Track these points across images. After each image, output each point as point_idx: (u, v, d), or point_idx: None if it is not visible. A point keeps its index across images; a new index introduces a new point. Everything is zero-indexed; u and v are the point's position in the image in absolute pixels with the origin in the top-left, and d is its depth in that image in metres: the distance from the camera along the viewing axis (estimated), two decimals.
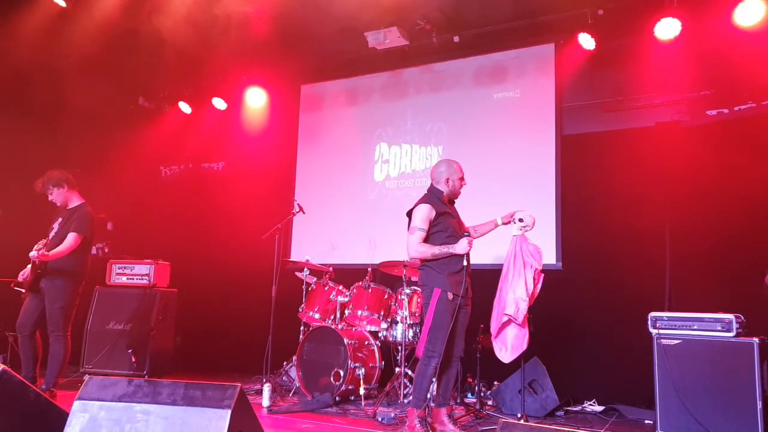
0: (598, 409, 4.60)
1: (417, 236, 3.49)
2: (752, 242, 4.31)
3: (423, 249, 3.49)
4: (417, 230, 3.50)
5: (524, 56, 5.72)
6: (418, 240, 3.49)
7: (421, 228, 3.50)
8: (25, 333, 4.34)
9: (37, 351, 4.36)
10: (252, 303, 5.96)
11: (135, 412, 1.85)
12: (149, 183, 7.40)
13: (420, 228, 3.50)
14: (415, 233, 3.50)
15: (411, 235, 3.51)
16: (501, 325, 3.69)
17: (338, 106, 6.66)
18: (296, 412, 4.20)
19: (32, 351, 4.34)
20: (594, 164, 5.18)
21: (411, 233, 3.52)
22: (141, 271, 5.72)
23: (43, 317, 4.37)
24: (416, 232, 3.50)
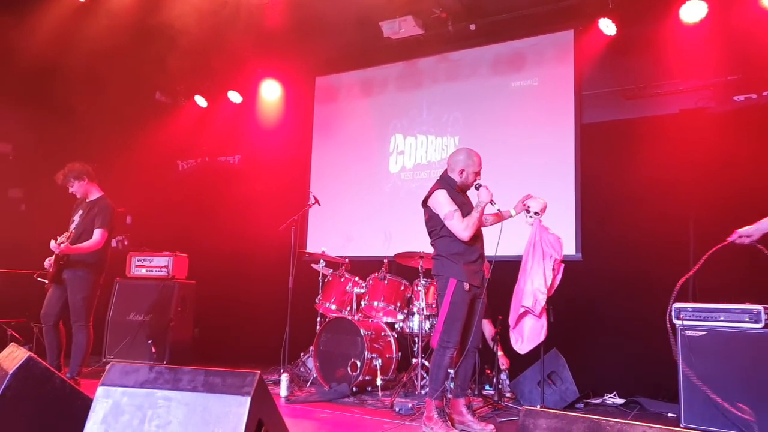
0: (619, 401, 4.53)
1: (457, 217, 3.43)
2: None
3: (470, 221, 3.41)
4: (453, 213, 3.44)
5: (542, 44, 5.62)
6: (459, 219, 3.42)
7: (454, 209, 3.45)
8: (49, 323, 4.41)
9: (61, 340, 4.43)
10: (269, 294, 5.98)
11: (157, 399, 1.85)
12: (167, 177, 7.45)
13: (453, 210, 3.44)
14: (454, 216, 3.43)
15: (451, 220, 3.43)
16: (519, 317, 3.65)
17: (353, 97, 6.63)
18: (314, 402, 4.21)
19: (56, 341, 4.41)
20: (614, 153, 5.09)
21: (450, 218, 3.43)
22: (160, 263, 5.78)
23: (66, 308, 4.44)
24: (454, 215, 3.43)
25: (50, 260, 4.41)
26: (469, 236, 3.42)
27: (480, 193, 3.49)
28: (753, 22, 4.39)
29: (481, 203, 3.45)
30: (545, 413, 1.40)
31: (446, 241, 3.51)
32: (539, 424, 1.37)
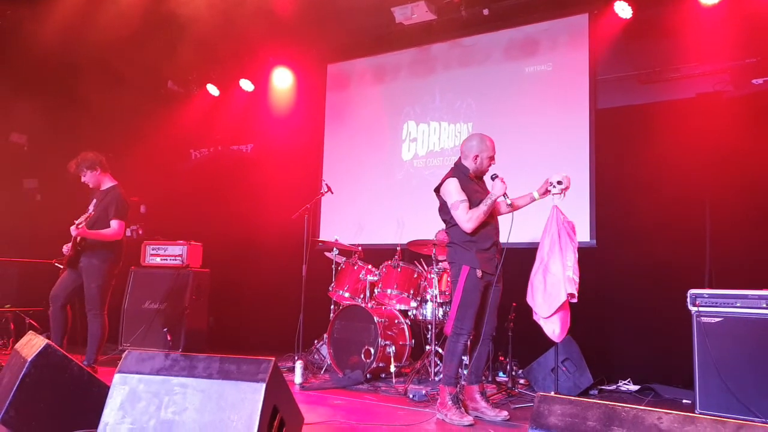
0: (633, 388, 4.51)
1: (462, 208, 3.42)
2: None
3: (474, 214, 3.41)
4: (459, 203, 3.43)
5: (556, 28, 5.53)
6: (465, 210, 3.42)
7: (462, 199, 3.44)
8: (57, 304, 4.46)
9: (66, 324, 4.48)
10: (282, 282, 6.02)
11: (172, 385, 1.88)
12: (180, 166, 7.50)
13: (461, 200, 3.43)
14: (459, 206, 3.43)
15: (456, 210, 3.43)
16: (561, 305, 3.60)
17: (365, 84, 6.59)
18: (328, 389, 4.24)
19: (62, 323, 4.45)
20: (630, 138, 5.01)
21: (456, 209, 3.43)
22: (174, 252, 5.84)
23: (77, 292, 4.50)
24: (460, 205, 3.43)
25: (68, 246, 4.46)
26: (471, 228, 3.41)
27: (494, 185, 3.45)
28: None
29: (492, 196, 3.42)
30: (560, 399, 1.40)
31: (459, 229, 3.50)
32: (554, 410, 1.36)
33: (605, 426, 1.27)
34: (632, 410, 1.29)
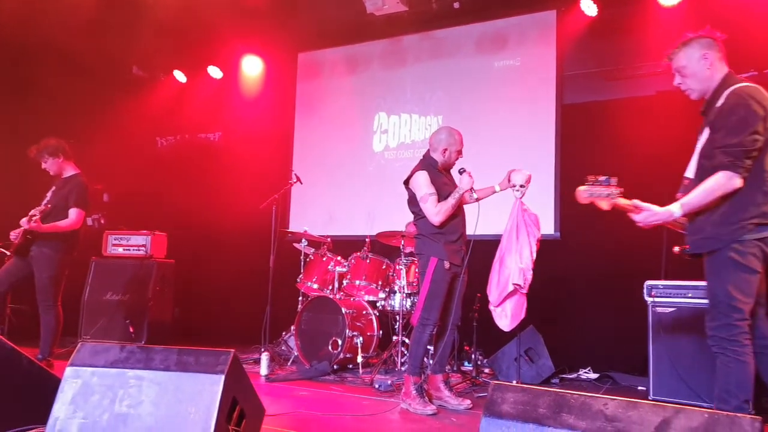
0: (593, 376, 4.64)
1: (431, 201, 3.46)
2: None
3: (443, 207, 3.45)
4: (428, 196, 3.47)
5: (525, 23, 5.60)
6: (433, 203, 3.46)
7: (431, 192, 3.48)
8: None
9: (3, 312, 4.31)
10: (250, 274, 5.97)
11: (128, 378, 1.85)
12: (145, 153, 7.34)
13: (429, 193, 3.47)
14: (429, 199, 3.47)
15: (425, 203, 3.47)
16: (507, 295, 3.69)
17: (336, 74, 6.55)
18: (294, 380, 4.24)
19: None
20: (594, 133, 5.12)
21: (425, 202, 3.47)
22: (137, 242, 5.72)
23: (21, 282, 4.33)
24: (429, 198, 3.47)
25: (16, 232, 4.26)
26: (439, 221, 3.46)
27: (462, 180, 3.51)
28: (727, 5, 4.42)
29: (459, 190, 3.47)
30: (513, 388, 1.43)
31: (427, 221, 3.54)
32: (507, 398, 1.40)
33: (555, 413, 1.31)
34: (580, 397, 1.33)
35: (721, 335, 2.35)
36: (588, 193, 2.43)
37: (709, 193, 2.35)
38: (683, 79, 2.65)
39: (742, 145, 2.31)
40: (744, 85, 2.43)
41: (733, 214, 2.35)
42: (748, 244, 2.33)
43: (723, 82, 2.50)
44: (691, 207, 2.40)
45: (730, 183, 2.32)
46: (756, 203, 2.34)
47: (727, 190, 2.33)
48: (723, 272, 2.37)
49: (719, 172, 2.33)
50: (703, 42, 2.57)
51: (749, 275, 2.34)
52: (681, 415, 1.18)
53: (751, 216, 2.33)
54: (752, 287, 2.35)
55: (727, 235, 2.36)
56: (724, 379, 2.33)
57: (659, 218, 2.46)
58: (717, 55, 2.55)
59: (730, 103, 2.39)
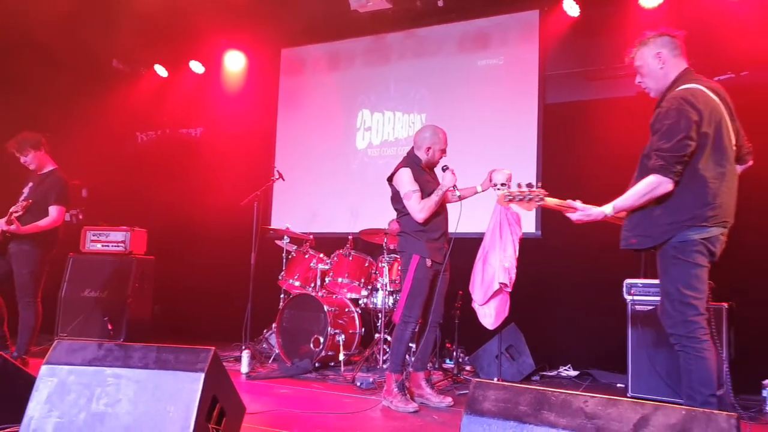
0: (573, 374, 4.69)
1: (415, 198, 3.47)
2: None
3: (426, 204, 3.46)
4: (412, 193, 3.47)
5: (508, 23, 5.62)
6: (417, 200, 3.47)
7: (414, 189, 3.48)
8: None
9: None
10: (231, 271, 5.92)
11: (106, 376, 1.82)
12: (125, 148, 7.24)
13: (413, 190, 3.48)
14: (412, 197, 3.47)
15: (409, 200, 3.48)
16: (493, 293, 3.71)
17: (320, 70, 6.52)
18: (275, 378, 4.22)
19: None
20: (575, 133, 5.17)
21: (408, 199, 3.48)
22: (116, 238, 5.63)
23: (3, 279, 4.25)
24: (413, 195, 3.47)
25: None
26: (423, 218, 3.46)
27: (444, 177, 3.52)
28: (707, 9, 4.51)
29: (442, 187, 3.49)
30: (494, 385, 1.44)
31: (411, 219, 3.54)
32: (488, 396, 1.40)
33: (536, 410, 1.32)
34: (561, 395, 1.34)
35: (679, 333, 2.41)
36: (508, 198, 2.47)
37: (641, 195, 2.41)
38: (642, 78, 2.71)
39: (673, 150, 2.36)
40: (685, 87, 2.46)
41: (665, 216, 2.42)
42: (690, 242, 2.39)
43: (674, 82, 2.54)
44: (623, 207, 2.47)
45: (661, 187, 2.38)
46: (687, 206, 2.40)
47: (657, 194, 2.39)
48: (670, 270, 2.44)
49: (651, 175, 2.39)
50: (659, 41, 2.61)
51: (696, 270, 2.39)
52: (659, 412, 1.20)
53: (685, 218, 2.39)
54: (702, 282, 2.41)
55: (659, 235, 2.43)
56: (687, 376, 2.40)
57: (593, 217, 2.52)
58: (672, 53, 2.58)
59: (667, 106, 2.44)
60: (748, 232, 4.21)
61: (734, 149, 2.52)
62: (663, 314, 2.49)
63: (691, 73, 2.56)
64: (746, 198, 4.26)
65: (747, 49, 4.40)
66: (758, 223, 4.23)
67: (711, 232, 2.40)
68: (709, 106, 2.43)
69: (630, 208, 2.46)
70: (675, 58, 2.58)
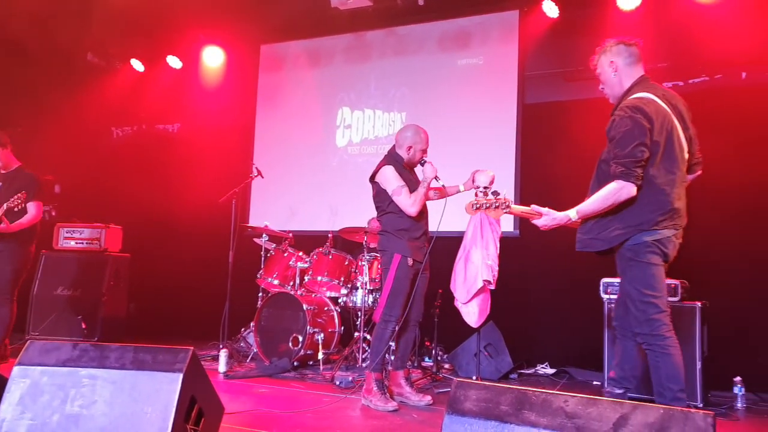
0: (550, 371, 4.75)
1: (405, 193, 3.47)
2: (698, 211, 4.45)
3: (416, 197, 3.47)
4: (401, 188, 3.47)
5: (488, 22, 5.66)
6: (407, 195, 3.47)
7: (402, 185, 3.48)
8: None
9: None
10: (209, 269, 5.86)
11: (80, 377, 1.78)
12: (100, 144, 7.10)
13: (400, 185, 3.48)
14: (402, 192, 3.47)
15: (399, 196, 3.47)
16: (477, 291, 3.73)
17: (299, 67, 6.48)
18: (253, 377, 4.18)
19: None
20: (554, 133, 5.22)
21: (398, 194, 3.47)
22: (91, 235, 5.52)
23: None
24: (402, 191, 3.47)
25: None
26: (416, 211, 3.47)
27: (425, 170, 3.54)
28: (683, 12, 4.59)
29: (426, 179, 3.51)
30: (475, 385, 1.44)
31: (392, 217, 3.54)
32: (469, 396, 1.41)
33: (517, 410, 1.33)
34: (542, 394, 1.35)
35: (644, 332, 2.49)
36: (474, 206, 2.50)
37: (604, 200, 2.47)
38: (602, 85, 2.79)
39: (631, 155, 2.42)
40: (638, 96, 2.53)
41: (616, 220, 2.51)
42: (642, 245, 2.48)
43: (629, 90, 2.62)
44: (586, 212, 2.53)
45: (624, 191, 2.43)
46: (638, 212, 2.48)
47: (622, 198, 2.45)
48: (628, 272, 2.53)
49: (613, 182, 2.46)
50: (614, 49, 2.68)
51: (652, 270, 2.48)
52: (638, 411, 1.21)
53: (638, 222, 2.48)
54: (659, 281, 2.50)
55: (612, 239, 2.51)
56: (656, 374, 2.47)
57: (558, 222, 2.60)
58: (627, 62, 2.64)
59: (621, 114, 2.51)
60: (721, 235, 4.35)
61: (686, 156, 2.62)
62: (626, 315, 2.58)
63: (647, 80, 2.64)
64: (719, 202, 4.41)
65: (722, 52, 4.50)
66: (730, 227, 4.35)
67: (662, 234, 2.49)
68: (660, 114, 2.50)
69: (594, 213, 2.52)
70: (629, 67, 2.64)
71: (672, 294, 3.71)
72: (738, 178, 4.38)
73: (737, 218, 4.35)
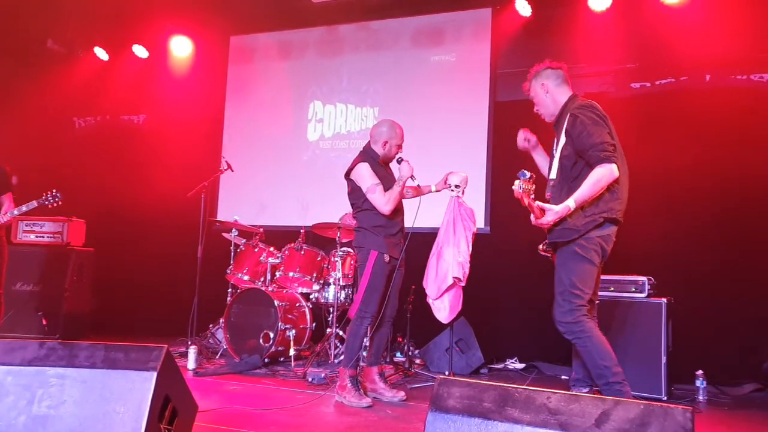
0: (520, 366, 4.82)
1: (379, 191, 3.44)
2: (665, 210, 4.59)
3: (391, 196, 3.44)
4: (375, 186, 3.45)
5: (461, 19, 5.68)
6: (381, 193, 3.44)
7: (376, 183, 3.46)
8: None
9: None
10: (176, 264, 5.73)
11: (48, 377, 1.71)
12: (61, 134, 6.86)
13: (375, 183, 3.45)
14: (376, 190, 3.44)
15: (373, 194, 3.44)
16: (446, 288, 3.75)
17: (270, 60, 6.38)
18: (223, 374, 4.11)
19: None
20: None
21: (373, 192, 3.44)
22: (52, 228, 5.34)
23: None
24: (376, 189, 3.44)
25: None
26: (390, 210, 3.45)
27: (402, 168, 3.53)
28: (651, 14, 4.70)
29: (402, 177, 3.50)
30: (458, 382, 1.45)
31: (368, 214, 3.52)
32: (453, 393, 1.41)
33: (500, 407, 1.34)
34: (525, 391, 1.36)
35: (567, 320, 2.69)
36: (521, 188, 2.55)
37: (596, 184, 2.63)
38: (537, 107, 3.06)
39: (606, 141, 2.65)
40: (586, 101, 2.83)
41: (586, 208, 2.68)
42: (592, 241, 2.69)
43: (567, 104, 2.88)
44: (583, 198, 2.66)
45: (610, 172, 2.63)
46: (604, 199, 2.69)
47: (608, 179, 2.64)
48: (570, 263, 2.73)
49: (597, 167, 2.64)
50: (543, 73, 2.96)
51: (590, 266, 2.71)
52: (619, 407, 1.24)
53: (601, 210, 2.69)
54: (591, 279, 2.74)
55: (583, 227, 2.68)
56: (589, 357, 2.65)
57: (560, 215, 2.68)
58: (555, 83, 2.93)
59: (580, 112, 2.74)
60: (685, 233, 4.49)
61: None
62: (555, 306, 2.77)
63: (577, 98, 2.90)
64: (683, 201, 4.55)
65: (688, 55, 4.63)
66: (693, 225, 4.49)
67: (607, 230, 2.72)
68: (607, 116, 2.79)
69: (589, 197, 2.65)
70: (558, 87, 2.93)
71: (640, 290, 3.81)
72: (701, 179, 4.53)
73: (700, 217, 4.49)
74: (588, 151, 2.66)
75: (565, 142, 2.79)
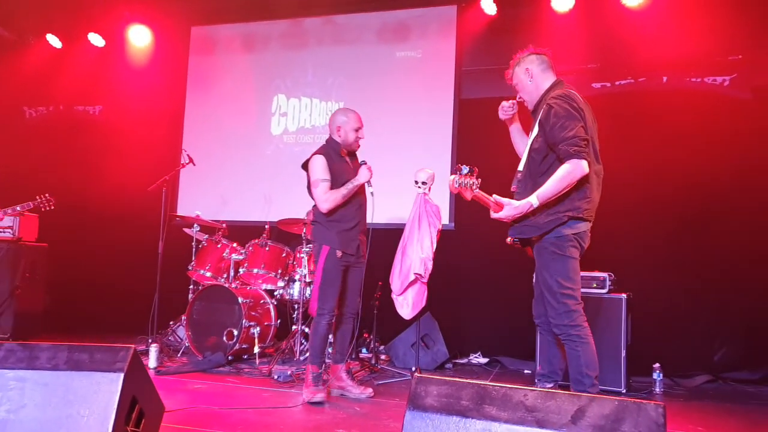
0: (483, 361, 4.90)
1: (322, 188, 3.39)
2: (623, 207, 4.73)
3: (332, 196, 3.39)
4: (320, 182, 3.40)
5: (427, 16, 5.70)
6: (324, 191, 3.39)
7: (324, 179, 3.40)
8: None
9: None
10: (136, 260, 5.56)
11: (7, 380, 1.63)
12: (10, 124, 6.56)
13: (322, 179, 3.40)
14: (319, 185, 3.40)
15: (316, 189, 3.40)
16: (408, 284, 3.77)
17: (233, 51, 6.25)
18: (186, 373, 4.02)
19: None
20: (490, 129, 5.30)
21: (315, 187, 3.41)
22: (2, 223, 5.09)
23: None
24: (320, 185, 3.40)
25: None
26: (327, 209, 3.40)
27: (360, 171, 3.47)
28: (612, 16, 4.83)
29: (357, 180, 3.44)
30: (435, 380, 1.45)
31: None
32: (430, 391, 1.41)
33: (477, 404, 1.35)
34: (502, 389, 1.38)
35: (563, 323, 2.61)
36: (457, 183, 2.52)
37: (561, 181, 2.55)
38: (520, 94, 2.95)
39: (578, 136, 2.55)
40: (565, 90, 2.70)
41: (546, 207, 2.62)
42: (565, 238, 2.62)
43: (548, 90, 2.79)
44: (546, 196, 2.59)
45: (578, 170, 2.54)
46: (570, 197, 2.60)
47: (576, 177, 2.54)
48: (550, 265, 2.65)
49: (566, 162, 2.55)
50: (527, 59, 2.87)
51: (572, 263, 2.63)
52: (594, 404, 1.27)
53: (566, 209, 2.61)
54: (576, 274, 2.66)
55: (545, 225, 2.63)
56: (575, 362, 2.59)
57: (521, 211, 2.62)
58: (540, 68, 2.83)
59: (556, 102, 2.64)
60: (644, 230, 4.64)
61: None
62: (547, 307, 2.69)
63: (562, 83, 2.81)
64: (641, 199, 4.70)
65: (646, 56, 4.77)
66: (651, 223, 4.65)
67: (581, 227, 2.64)
68: (586, 108, 2.69)
69: (553, 195, 2.58)
70: (543, 72, 2.82)
71: (601, 286, 3.92)
72: (659, 178, 4.69)
73: (658, 214, 4.65)
74: (559, 144, 2.56)
75: (536, 134, 2.69)
